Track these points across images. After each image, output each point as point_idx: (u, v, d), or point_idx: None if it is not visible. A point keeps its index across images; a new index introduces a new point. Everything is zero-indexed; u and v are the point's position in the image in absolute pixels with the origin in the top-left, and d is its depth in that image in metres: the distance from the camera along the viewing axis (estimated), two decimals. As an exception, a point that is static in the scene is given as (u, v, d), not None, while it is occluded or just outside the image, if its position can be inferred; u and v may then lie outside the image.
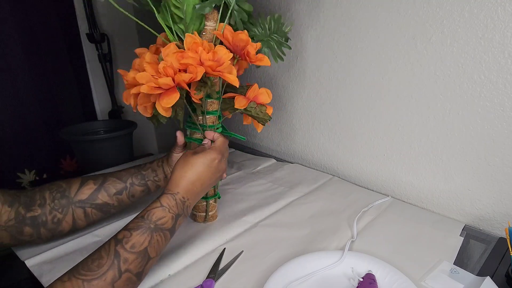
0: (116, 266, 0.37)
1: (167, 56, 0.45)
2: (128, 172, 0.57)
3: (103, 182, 0.55)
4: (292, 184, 0.77)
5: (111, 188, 0.55)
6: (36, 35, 1.03)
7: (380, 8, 0.65)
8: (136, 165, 0.60)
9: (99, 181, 0.55)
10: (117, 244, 0.39)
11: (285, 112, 0.93)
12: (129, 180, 0.56)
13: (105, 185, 0.54)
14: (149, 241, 0.41)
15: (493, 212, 0.61)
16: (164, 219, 0.43)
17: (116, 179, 0.56)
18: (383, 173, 0.75)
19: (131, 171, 0.57)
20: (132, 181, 0.57)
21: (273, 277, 0.45)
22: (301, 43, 0.81)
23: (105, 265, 0.37)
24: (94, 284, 0.35)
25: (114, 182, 0.55)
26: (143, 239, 0.40)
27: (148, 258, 0.41)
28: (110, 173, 0.57)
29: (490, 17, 0.53)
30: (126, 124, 1.08)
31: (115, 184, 0.55)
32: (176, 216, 0.45)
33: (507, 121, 0.55)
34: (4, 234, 0.47)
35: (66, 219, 0.52)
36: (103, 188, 0.54)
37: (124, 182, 0.56)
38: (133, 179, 0.57)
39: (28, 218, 0.48)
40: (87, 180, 0.54)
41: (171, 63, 0.45)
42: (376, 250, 0.53)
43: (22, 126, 1.05)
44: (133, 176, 0.57)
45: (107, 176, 0.56)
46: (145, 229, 0.41)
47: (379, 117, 0.72)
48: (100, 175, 0.56)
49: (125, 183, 0.56)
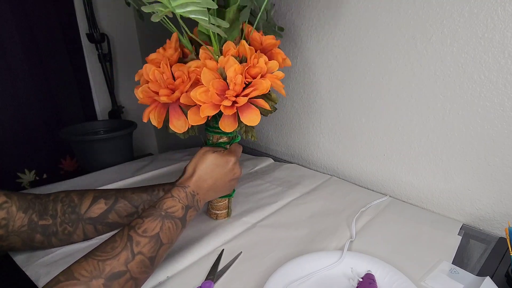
0: (129, 248, 0.39)
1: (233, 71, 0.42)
2: (139, 197, 0.56)
3: (114, 203, 0.54)
4: (291, 184, 0.77)
5: (122, 211, 0.55)
6: (36, 35, 1.03)
7: (380, 8, 0.65)
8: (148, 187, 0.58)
9: (110, 201, 0.54)
10: (130, 229, 0.41)
11: (285, 112, 0.93)
12: (141, 206, 0.56)
13: (115, 207, 0.54)
14: (160, 227, 0.42)
15: (493, 212, 0.61)
16: (174, 208, 0.45)
17: (127, 202, 0.55)
18: (383, 173, 0.75)
19: (143, 196, 0.56)
20: (144, 207, 0.56)
21: (272, 278, 0.44)
22: (301, 43, 0.81)
23: (119, 247, 0.38)
24: (108, 264, 0.36)
25: (125, 206, 0.55)
26: (155, 225, 0.42)
27: (161, 244, 0.42)
28: (123, 195, 0.55)
29: (490, 17, 0.53)
30: (126, 124, 1.08)
31: (126, 207, 0.55)
32: (186, 207, 0.47)
33: (507, 121, 0.55)
34: (16, 239, 0.48)
35: (76, 232, 0.53)
36: (113, 210, 0.54)
37: (136, 207, 0.56)
38: (144, 205, 0.56)
39: (40, 226, 0.49)
40: (99, 199, 0.54)
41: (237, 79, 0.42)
42: (376, 250, 0.53)
43: (22, 126, 1.06)
44: (145, 203, 0.56)
45: (118, 198, 0.55)
46: (156, 216, 0.43)
47: (379, 117, 0.72)
48: (112, 194, 0.55)
49: (137, 208, 0.56)
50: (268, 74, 0.46)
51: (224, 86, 0.43)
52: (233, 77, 0.42)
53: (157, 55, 0.49)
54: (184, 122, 0.47)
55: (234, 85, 0.42)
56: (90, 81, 1.22)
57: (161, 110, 0.48)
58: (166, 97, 0.45)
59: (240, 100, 0.43)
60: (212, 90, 0.42)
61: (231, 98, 0.43)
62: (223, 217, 0.63)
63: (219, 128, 0.49)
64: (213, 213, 0.62)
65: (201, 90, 0.43)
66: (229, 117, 0.46)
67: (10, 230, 0.46)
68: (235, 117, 0.46)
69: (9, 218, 0.46)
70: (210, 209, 0.63)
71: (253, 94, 0.43)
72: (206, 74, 0.43)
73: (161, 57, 0.48)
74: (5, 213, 0.46)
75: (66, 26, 1.10)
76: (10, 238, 0.47)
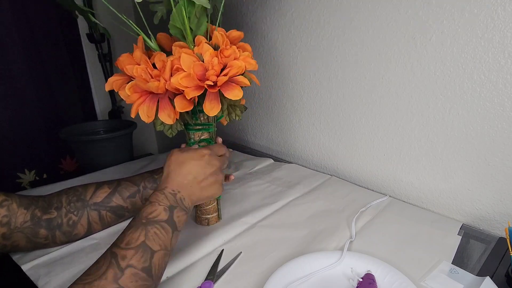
0: (115, 264, 0.36)
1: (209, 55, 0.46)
2: (141, 176, 0.59)
3: (117, 185, 0.56)
4: (291, 184, 0.77)
5: (124, 191, 0.56)
6: (36, 35, 1.03)
7: (380, 8, 0.65)
8: (149, 170, 0.61)
9: (113, 185, 0.56)
10: (113, 247, 0.39)
11: (285, 112, 0.93)
12: (142, 183, 0.58)
13: (119, 188, 0.56)
14: (145, 235, 0.40)
15: (493, 212, 0.61)
16: (155, 212, 0.42)
17: (129, 182, 0.57)
18: (383, 173, 0.75)
19: (144, 175, 0.59)
20: (145, 184, 0.58)
21: (272, 278, 0.44)
22: (301, 43, 0.81)
23: (104, 266, 0.36)
24: (95, 285, 0.34)
25: (128, 186, 0.57)
26: (138, 235, 0.39)
27: (152, 252, 0.39)
28: (125, 178, 0.58)
29: (490, 17, 0.53)
30: (126, 124, 1.08)
31: (129, 187, 0.57)
32: (170, 208, 0.44)
33: (507, 121, 0.55)
34: (20, 236, 0.48)
35: (81, 222, 0.53)
36: (117, 192, 0.56)
37: (137, 186, 0.57)
38: (145, 182, 0.58)
39: (43, 220, 0.49)
40: (102, 184, 0.56)
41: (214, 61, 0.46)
42: (375, 250, 0.53)
43: (22, 126, 1.06)
44: (146, 180, 0.58)
45: (121, 181, 0.58)
46: (137, 225, 0.40)
47: (379, 117, 0.72)
48: (115, 180, 0.58)
49: (138, 186, 0.57)
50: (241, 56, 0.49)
51: (203, 68, 0.46)
52: (210, 60, 0.46)
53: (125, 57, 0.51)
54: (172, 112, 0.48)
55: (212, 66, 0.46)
56: (90, 81, 1.22)
57: (151, 104, 0.48)
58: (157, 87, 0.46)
59: (220, 79, 0.46)
60: (193, 74, 0.45)
61: (212, 78, 0.46)
62: (214, 221, 0.61)
63: (199, 124, 0.54)
64: (204, 219, 0.60)
65: (182, 75, 0.45)
66: (212, 100, 0.48)
67: (13, 227, 0.47)
68: (218, 100, 0.48)
69: (10, 215, 0.46)
70: (200, 215, 0.60)
71: (231, 73, 0.47)
72: (186, 59, 0.45)
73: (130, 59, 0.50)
74: (5, 210, 0.46)
75: (66, 26, 1.10)
76: (14, 236, 0.47)
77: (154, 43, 0.52)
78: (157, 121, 0.50)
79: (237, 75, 0.48)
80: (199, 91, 0.46)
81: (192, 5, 0.47)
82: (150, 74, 0.47)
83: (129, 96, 0.48)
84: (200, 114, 0.55)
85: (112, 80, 0.51)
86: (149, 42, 0.51)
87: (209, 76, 0.46)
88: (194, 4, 0.46)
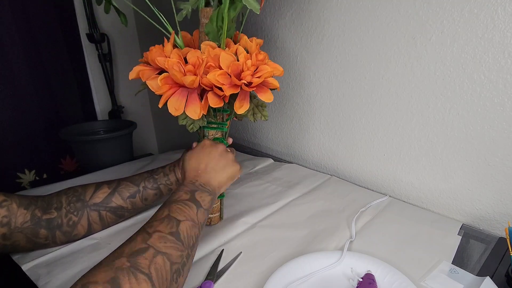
0: (143, 231, 0.38)
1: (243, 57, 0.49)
2: (141, 176, 0.59)
3: (117, 186, 0.56)
4: (290, 184, 0.77)
5: (124, 192, 0.56)
6: (36, 35, 1.03)
7: (380, 8, 0.65)
8: (149, 170, 0.61)
9: (113, 185, 0.56)
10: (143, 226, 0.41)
11: (285, 112, 0.93)
12: (142, 183, 0.58)
13: (118, 188, 0.56)
14: (168, 210, 0.42)
15: (493, 212, 0.61)
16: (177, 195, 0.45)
17: (129, 182, 0.57)
18: (383, 173, 0.75)
19: (143, 175, 0.59)
20: (145, 184, 0.58)
21: (272, 278, 0.44)
22: (301, 43, 0.81)
23: (133, 235, 0.38)
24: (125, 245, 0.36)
25: (128, 186, 0.57)
26: (162, 212, 0.42)
27: (177, 221, 0.41)
28: (124, 178, 0.58)
29: (490, 17, 0.53)
30: (126, 124, 1.08)
31: (128, 187, 0.57)
32: (191, 191, 0.46)
33: (507, 121, 0.55)
34: (20, 236, 0.48)
35: (81, 222, 0.53)
36: (117, 192, 0.56)
37: (137, 186, 0.57)
38: (145, 182, 0.58)
39: (44, 220, 0.49)
40: (102, 185, 0.56)
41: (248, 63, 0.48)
42: (375, 250, 0.53)
43: (22, 126, 1.05)
44: (146, 180, 0.58)
45: (120, 181, 0.57)
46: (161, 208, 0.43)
47: (379, 117, 0.72)
48: (115, 180, 0.57)
49: (138, 187, 0.57)
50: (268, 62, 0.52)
51: (239, 69, 0.48)
52: (243, 61, 0.48)
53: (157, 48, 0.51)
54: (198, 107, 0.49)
55: (247, 67, 0.48)
56: (90, 81, 1.22)
57: (180, 97, 0.49)
58: (192, 82, 0.47)
59: (255, 80, 0.48)
60: (230, 72, 0.47)
61: (247, 78, 0.48)
62: (216, 221, 0.62)
63: (215, 123, 0.56)
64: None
65: (219, 72, 0.47)
66: (242, 100, 0.50)
67: (13, 227, 0.47)
68: (248, 99, 0.51)
69: (10, 215, 0.46)
70: None
71: (265, 75, 0.49)
72: (226, 58, 0.47)
73: (160, 52, 0.50)
74: (5, 210, 0.46)
75: (66, 26, 1.10)
76: (14, 236, 0.47)
77: (181, 40, 0.53)
78: (181, 115, 0.51)
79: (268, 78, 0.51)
80: (236, 89, 0.48)
81: (234, 9, 0.49)
82: (183, 68, 0.48)
83: (160, 87, 0.49)
84: (217, 113, 0.56)
85: (138, 69, 0.51)
86: (176, 39, 0.52)
87: (245, 76, 0.48)
88: (236, 8, 0.48)
